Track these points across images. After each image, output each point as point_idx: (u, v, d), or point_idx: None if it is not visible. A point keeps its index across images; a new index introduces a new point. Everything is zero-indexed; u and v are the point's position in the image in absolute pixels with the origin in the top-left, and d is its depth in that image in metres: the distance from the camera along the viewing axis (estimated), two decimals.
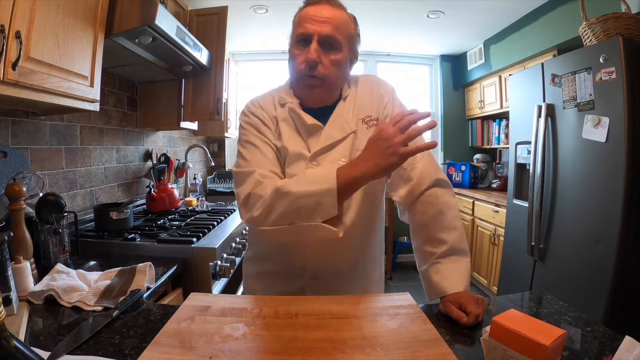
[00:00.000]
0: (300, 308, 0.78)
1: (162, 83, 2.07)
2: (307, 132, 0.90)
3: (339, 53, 0.86)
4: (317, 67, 0.84)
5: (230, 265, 1.44)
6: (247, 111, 0.93)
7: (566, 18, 2.33)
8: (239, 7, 2.58)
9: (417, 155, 0.90)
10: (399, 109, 0.94)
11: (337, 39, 0.84)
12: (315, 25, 0.83)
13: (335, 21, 0.84)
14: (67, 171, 1.53)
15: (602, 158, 1.76)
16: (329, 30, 0.83)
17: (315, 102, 0.92)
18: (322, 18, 0.83)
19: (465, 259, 0.85)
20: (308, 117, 0.89)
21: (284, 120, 0.91)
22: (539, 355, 0.48)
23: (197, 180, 2.91)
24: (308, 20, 0.84)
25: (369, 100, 0.94)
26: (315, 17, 0.84)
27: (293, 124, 0.91)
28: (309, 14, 0.85)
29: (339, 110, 0.92)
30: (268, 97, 0.96)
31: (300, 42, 0.86)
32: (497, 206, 2.79)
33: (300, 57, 0.85)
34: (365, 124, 0.92)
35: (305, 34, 0.84)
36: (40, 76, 0.97)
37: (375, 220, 0.98)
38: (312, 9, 0.85)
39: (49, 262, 1.10)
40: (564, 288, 1.97)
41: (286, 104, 0.92)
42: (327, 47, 0.84)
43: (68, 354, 0.62)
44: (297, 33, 0.87)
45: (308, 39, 0.84)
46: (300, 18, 0.87)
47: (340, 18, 0.85)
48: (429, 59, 3.99)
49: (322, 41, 0.83)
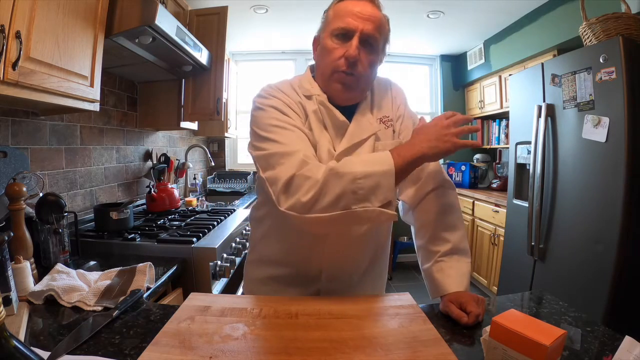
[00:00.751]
0: (300, 308, 0.78)
1: (162, 83, 2.07)
2: (335, 129, 0.87)
3: (377, 54, 0.85)
4: (357, 64, 0.81)
5: (230, 265, 1.44)
6: (266, 93, 0.86)
7: (566, 18, 2.33)
8: (239, 7, 2.58)
9: None
10: (409, 112, 0.95)
11: (378, 39, 0.83)
12: (359, 22, 0.80)
13: (378, 21, 0.82)
14: (67, 171, 1.53)
15: (602, 158, 1.76)
16: (372, 29, 0.81)
17: (342, 100, 0.88)
18: (366, 15, 0.81)
19: (466, 259, 0.86)
20: (339, 113, 0.86)
21: (313, 112, 0.86)
22: (539, 355, 0.48)
23: (197, 180, 2.91)
24: (351, 15, 0.81)
25: (385, 101, 0.94)
26: (360, 13, 0.81)
27: (321, 117, 0.87)
28: (352, 9, 0.82)
29: (362, 108, 0.90)
30: (287, 84, 0.90)
31: (339, 37, 0.82)
32: (497, 206, 2.79)
33: (339, 52, 0.82)
34: (383, 124, 0.91)
35: (347, 29, 0.81)
36: (40, 76, 0.97)
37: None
38: (354, 4, 0.82)
39: (49, 262, 1.10)
40: (564, 288, 1.97)
41: (312, 96, 0.88)
42: (367, 46, 0.82)
43: (68, 354, 0.62)
44: (336, 26, 0.82)
45: (349, 35, 0.81)
46: (340, 11, 0.83)
47: (380, 18, 0.84)
48: (429, 59, 3.99)
49: (363, 39, 0.81)
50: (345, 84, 0.84)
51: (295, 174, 0.72)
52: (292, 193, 0.72)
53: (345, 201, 0.69)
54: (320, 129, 0.86)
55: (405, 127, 0.93)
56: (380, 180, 0.70)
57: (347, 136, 0.86)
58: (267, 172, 0.77)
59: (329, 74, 0.85)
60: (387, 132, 0.91)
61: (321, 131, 0.86)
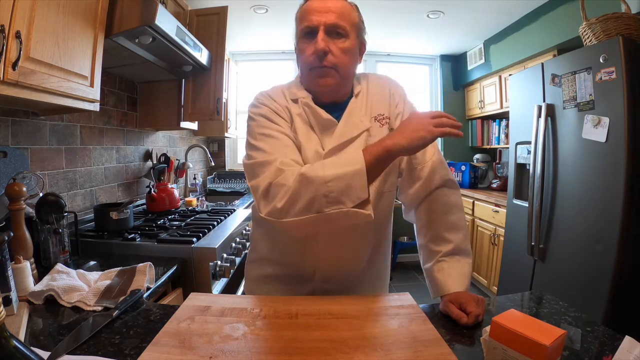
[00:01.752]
0: (300, 308, 0.78)
1: (162, 83, 2.07)
2: (321, 128, 0.88)
3: (347, 40, 0.85)
4: (327, 56, 0.83)
5: (230, 265, 1.44)
6: (257, 102, 0.91)
7: (566, 18, 2.33)
8: (239, 7, 2.58)
9: (428, 155, 0.91)
10: (410, 108, 0.95)
11: (343, 26, 0.84)
12: (319, 16, 0.83)
13: (338, 9, 0.84)
14: (67, 171, 1.53)
15: (602, 158, 1.76)
16: (334, 19, 0.83)
17: (328, 95, 0.89)
18: (324, 8, 0.83)
19: (467, 260, 0.86)
20: (323, 112, 0.87)
21: (297, 115, 0.89)
22: (539, 355, 0.48)
23: (197, 180, 2.91)
24: (311, 13, 0.84)
25: (381, 99, 0.93)
26: (317, 8, 0.84)
27: (306, 119, 0.89)
28: (312, 7, 0.85)
29: (352, 106, 0.90)
30: (278, 90, 0.94)
31: (306, 36, 0.85)
32: (497, 206, 2.79)
33: (309, 50, 0.84)
34: (378, 122, 0.91)
35: (310, 27, 0.84)
36: (40, 76, 0.97)
37: (386, 220, 0.97)
38: (313, 3, 0.86)
39: (49, 262, 1.10)
40: (564, 288, 1.97)
41: (298, 99, 0.90)
42: (335, 35, 0.84)
43: (68, 354, 0.62)
44: (301, 27, 0.86)
45: (314, 31, 0.84)
46: (303, 13, 0.87)
47: (342, 7, 0.86)
48: (429, 59, 3.99)
49: (328, 30, 0.83)
50: (323, 76, 0.85)
51: (271, 182, 0.76)
52: (269, 200, 0.76)
53: (317, 205, 0.72)
54: (306, 130, 0.88)
55: None
56: (351, 181, 0.71)
57: (336, 135, 0.87)
58: (251, 181, 0.82)
59: (307, 72, 0.88)
60: (382, 130, 0.90)
61: (308, 132, 0.88)
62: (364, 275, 0.95)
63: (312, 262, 0.91)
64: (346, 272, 0.92)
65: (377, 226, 0.92)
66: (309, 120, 0.89)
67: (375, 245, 0.96)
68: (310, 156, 0.85)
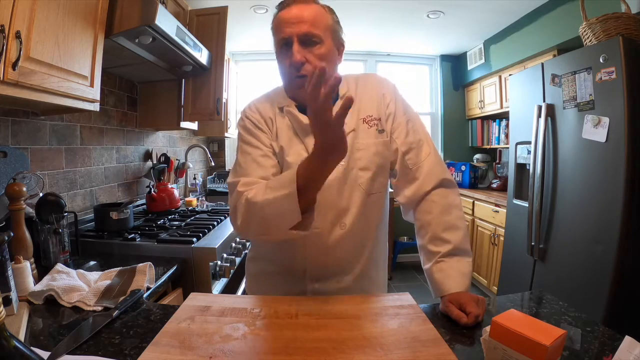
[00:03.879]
0: (300, 308, 0.78)
1: (162, 83, 2.07)
2: (304, 133, 0.89)
3: (322, 46, 0.85)
4: (304, 66, 0.84)
5: (230, 265, 1.44)
6: (244, 115, 0.94)
7: (566, 18, 2.33)
8: (239, 7, 2.58)
9: (422, 154, 0.91)
10: (402, 105, 0.94)
11: (316, 34, 0.84)
12: (292, 28, 0.83)
13: (310, 17, 0.84)
14: (67, 171, 1.53)
15: (602, 158, 1.76)
16: (307, 28, 0.83)
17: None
18: (295, 18, 0.84)
19: (467, 260, 0.85)
20: (304, 117, 0.88)
21: (282, 122, 0.91)
22: (539, 355, 0.48)
23: (197, 180, 2.91)
24: (283, 25, 0.85)
25: (369, 100, 0.93)
26: (289, 19, 0.84)
27: (291, 125, 0.91)
28: (283, 19, 0.85)
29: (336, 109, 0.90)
30: (265, 99, 0.96)
31: (283, 47, 0.86)
32: (497, 206, 2.79)
33: (286, 62, 0.85)
34: (367, 124, 0.91)
35: (284, 39, 0.84)
36: (40, 76, 0.97)
37: (377, 222, 0.96)
38: (284, 13, 0.86)
39: (49, 262, 1.10)
40: (564, 288, 1.97)
41: (283, 107, 0.92)
42: (309, 44, 0.84)
43: (68, 354, 0.62)
44: (277, 39, 0.87)
45: (289, 42, 0.84)
46: (276, 24, 0.87)
47: (313, 13, 0.85)
48: (429, 59, 3.99)
49: (302, 40, 0.83)
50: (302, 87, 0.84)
51: (233, 204, 0.83)
52: (233, 221, 0.83)
53: (264, 226, 0.76)
54: (290, 136, 0.90)
55: (398, 124, 0.92)
56: (282, 206, 0.71)
57: None
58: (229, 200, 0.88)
59: (288, 84, 0.90)
60: (370, 132, 0.90)
61: (291, 139, 0.90)
62: (356, 275, 0.94)
63: (301, 262, 0.91)
64: (336, 272, 0.92)
65: (362, 228, 0.91)
66: (293, 126, 0.91)
67: (364, 245, 0.94)
68: (292, 161, 0.87)
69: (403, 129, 0.92)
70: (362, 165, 0.89)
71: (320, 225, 0.86)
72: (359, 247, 0.93)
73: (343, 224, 0.89)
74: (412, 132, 0.92)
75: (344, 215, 0.89)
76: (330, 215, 0.88)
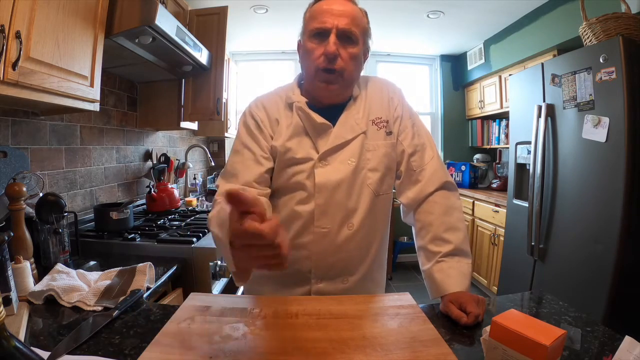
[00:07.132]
0: (300, 308, 0.78)
1: (162, 83, 2.07)
2: (315, 132, 0.89)
3: (356, 46, 0.85)
4: (337, 59, 0.83)
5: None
6: (248, 111, 0.93)
7: (566, 18, 2.33)
8: (239, 7, 2.58)
9: (426, 157, 0.92)
10: (408, 111, 0.95)
11: (355, 32, 0.84)
12: (333, 19, 0.82)
13: (352, 14, 0.84)
14: (67, 171, 1.53)
15: (602, 158, 1.76)
16: (347, 23, 0.83)
17: (328, 99, 0.90)
18: (338, 11, 0.83)
19: (467, 260, 0.86)
20: (317, 116, 0.88)
21: (289, 120, 0.90)
22: (539, 355, 0.48)
23: (197, 180, 2.91)
24: (324, 14, 0.83)
25: (379, 102, 0.94)
26: (331, 10, 0.83)
27: (301, 123, 0.90)
28: (325, 8, 0.84)
29: (349, 109, 0.91)
30: (274, 96, 0.95)
31: (316, 36, 0.85)
32: (497, 206, 2.79)
33: (318, 51, 0.84)
34: (375, 125, 0.92)
35: (322, 28, 0.83)
36: (40, 76, 0.97)
37: (383, 222, 0.97)
38: (326, 3, 0.85)
39: (49, 262, 1.10)
40: (564, 288, 1.97)
41: (293, 103, 0.91)
42: (345, 41, 0.84)
43: (68, 354, 0.62)
44: (311, 27, 0.85)
45: (325, 33, 0.83)
46: (314, 12, 0.86)
47: (355, 11, 0.86)
48: (429, 59, 3.99)
49: (340, 34, 0.83)
50: (328, 82, 0.86)
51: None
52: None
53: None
54: (298, 135, 0.89)
55: (405, 127, 0.94)
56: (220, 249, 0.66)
57: (331, 137, 0.88)
58: None
59: (312, 74, 0.88)
60: (379, 134, 0.91)
61: (300, 137, 0.89)
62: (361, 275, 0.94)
63: (306, 263, 0.91)
64: (342, 273, 0.92)
65: (369, 228, 0.92)
66: (303, 124, 0.90)
67: (370, 246, 0.95)
68: (301, 160, 0.87)
69: (409, 131, 0.93)
70: (371, 166, 0.90)
71: (328, 225, 0.87)
72: (366, 247, 0.94)
73: (351, 224, 0.89)
74: (417, 135, 0.94)
75: (352, 216, 0.89)
76: (338, 215, 0.88)
